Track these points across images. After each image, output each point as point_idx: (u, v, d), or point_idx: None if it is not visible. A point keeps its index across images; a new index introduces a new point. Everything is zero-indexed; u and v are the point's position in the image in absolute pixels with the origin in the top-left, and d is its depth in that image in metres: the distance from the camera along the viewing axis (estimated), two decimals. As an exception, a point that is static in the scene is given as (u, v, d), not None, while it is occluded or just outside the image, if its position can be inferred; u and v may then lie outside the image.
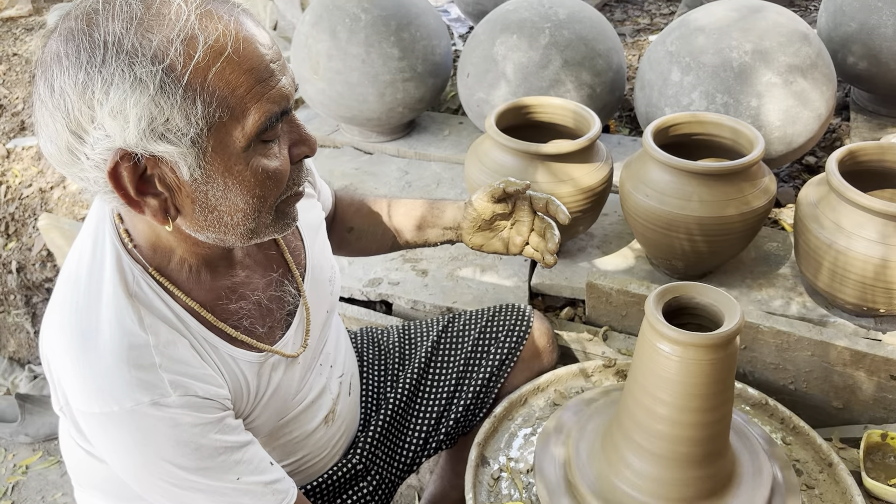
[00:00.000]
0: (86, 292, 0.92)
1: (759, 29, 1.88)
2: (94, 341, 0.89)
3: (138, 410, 0.87)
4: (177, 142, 0.80)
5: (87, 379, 0.88)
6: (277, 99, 0.84)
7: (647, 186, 1.61)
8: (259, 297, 1.06)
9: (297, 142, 0.91)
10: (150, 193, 0.85)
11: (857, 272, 1.47)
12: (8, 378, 2.68)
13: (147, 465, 0.91)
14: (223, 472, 0.94)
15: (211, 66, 0.79)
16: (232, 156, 0.84)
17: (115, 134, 0.79)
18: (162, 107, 0.78)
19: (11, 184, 2.84)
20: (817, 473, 1.31)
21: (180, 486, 0.92)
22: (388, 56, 2.25)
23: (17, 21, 3.42)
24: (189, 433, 0.90)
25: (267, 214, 0.91)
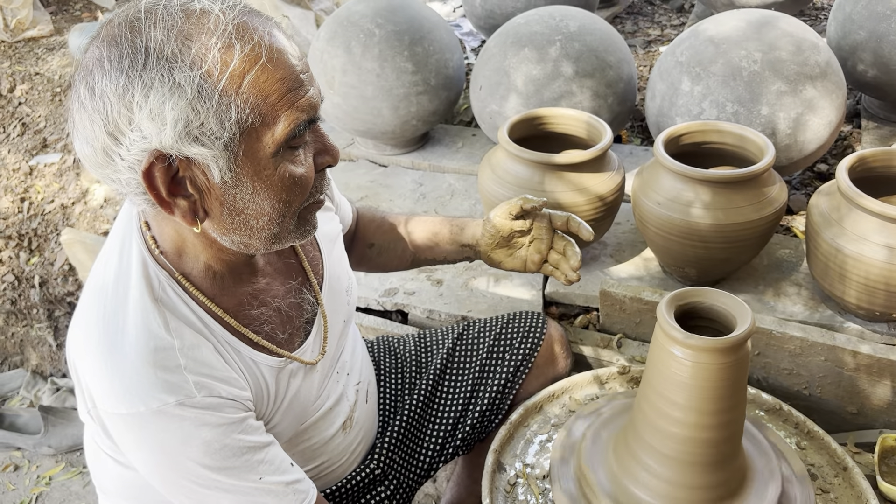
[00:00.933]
0: (112, 297, 0.95)
1: (769, 38, 1.90)
2: (120, 344, 0.92)
3: (164, 411, 0.90)
4: (210, 145, 0.84)
5: (114, 380, 0.91)
6: (306, 107, 0.88)
7: (659, 195, 1.63)
8: (279, 304, 1.09)
9: (321, 151, 0.95)
10: (180, 195, 0.88)
11: (870, 277, 1.48)
12: (31, 391, 2.73)
13: (172, 465, 0.93)
14: (246, 472, 0.96)
15: (246, 74, 0.83)
16: (261, 160, 0.87)
17: (151, 136, 0.82)
18: (198, 111, 0.82)
19: (34, 200, 2.89)
20: (832, 478, 1.32)
21: (205, 485, 0.95)
22: (402, 70, 2.28)
23: (39, 41, 3.49)
24: (213, 433, 0.93)
25: (290, 220, 0.94)
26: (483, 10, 2.91)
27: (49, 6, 3.82)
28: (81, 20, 3.70)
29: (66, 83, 3.21)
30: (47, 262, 2.78)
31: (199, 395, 0.92)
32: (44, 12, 3.60)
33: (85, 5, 3.90)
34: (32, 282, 2.77)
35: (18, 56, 3.40)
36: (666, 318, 1.09)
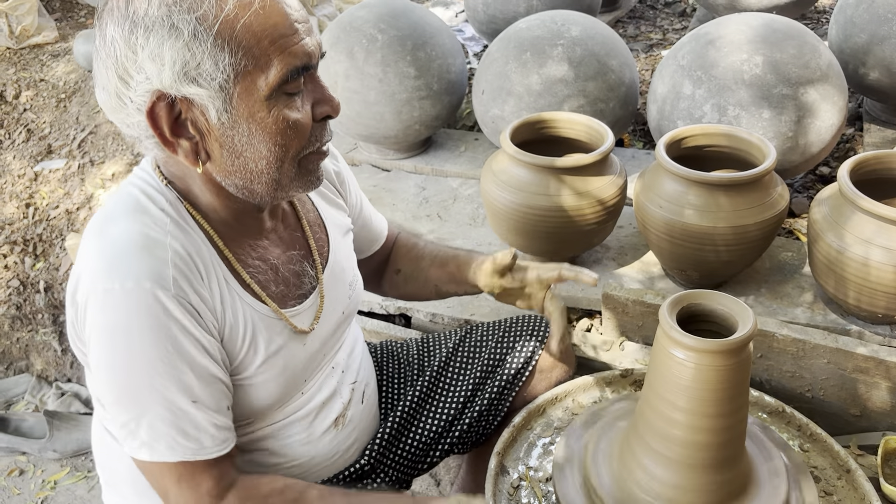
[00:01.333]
0: (113, 205, 1.00)
1: (770, 42, 1.91)
2: (113, 227, 0.97)
3: (136, 292, 0.92)
4: (206, 85, 0.89)
5: (99, 260, 0.94)
6: (299, 54, 0.91)
7: (661, 198, 1.64)
8: (277, 264, 1.11)
9: (319, 101, 0.97)
10: (183, 136, 0.93)
11: (872, 280, 1.48)
12: (36, 395, 2.74)
13: (122, 353, 0.94)
14: (185, 390, 0.97)
15: (239, 19, 0.88)
16: (255, 103, 0.91)
17: (153, 76, 0.88)
18: (194, 52, 0.87)
19: (39, 205, 2.91)
20: (835, 480, 1.32)
21: (143, 387, 0.95)
22: (405, 75, 2.29)
23: (44, 48, 3.51)
24: (174, 329, 0.94)
25: (290, 166, 0.98)
26: (485, 15, 2.93)
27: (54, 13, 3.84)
28: (86, 27, 3.72)
29: (71, 89, 3.23)
30: (52, 267, 2.79)
31: (173, 290, 0.94)
32: (49, 19, 3.62)
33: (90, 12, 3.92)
34: (37, 287, 2.78)
35: (24, 62, 3.41)
36: (668, 320, 1.09)
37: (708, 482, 1.14)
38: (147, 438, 0.96)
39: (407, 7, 2.40)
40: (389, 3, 2.41)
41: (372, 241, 1.43)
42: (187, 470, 0.98)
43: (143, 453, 0.97)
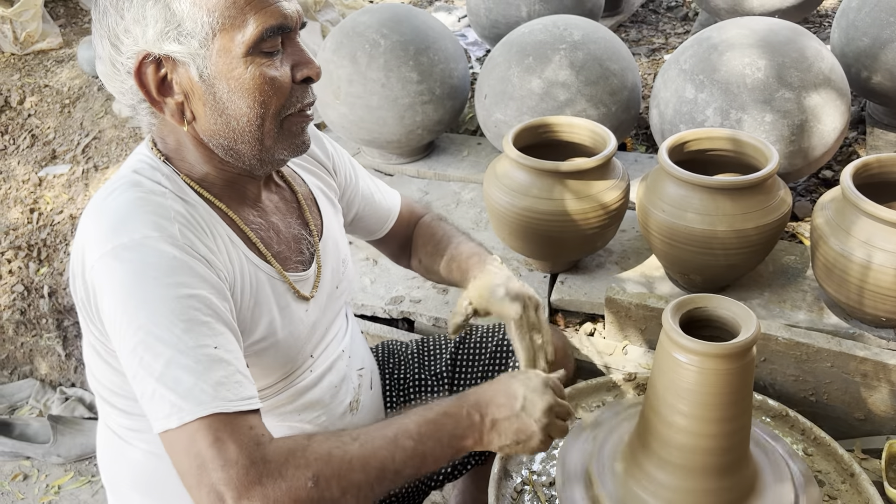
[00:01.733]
0: (110, 184, 1.02)
1: (772, 45, 1.91)
2: (111, 201, 0.98)
3: (146, 242, 0.93)
4: (186, 43, 0.95)
5: (102, 226, 0.95)
6: (275, 14, 0.96)
7: (664, 202, 1.64)
8: (279, 225, 1.14)
9: (298, 63, 1.01)
10: (169, 95, 0.99)
11: (875, 283, 1.48)
12: (40, 400, 2.74)
13: (143, 300, 0.91)
14: (208, 332, 0.93)
15: None
16: (233, 59, 0.96)
17: (139, 37, 0.95)
18: (174, 11, 0.94)
19: (43, 210, 2.92)
20: (839, 484, 1.31)
21: (166, 333, 0.90)
22: (407, 80, 2.30)
23: (48, 53, 3.53)
24: (186, 274, 0.94)
25: (271, 125, 1.01)
26: (488, 20, 2.93)
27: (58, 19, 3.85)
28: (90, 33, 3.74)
29: (76, 95, 3.24)
30: (56, 272, 2.80)
31: (182, 240, 0.95)
32: (53, 25, 3.63)
33: (93, 18, 3.93)
34: (41, 292, 2.79)
35: (28, 68, 3.43)
36: (671, 323, 1.09)
37: (712, 487, 1.14)
38: (174, 398, 0.88)
39: (409, 12, 2.41)
40: (392, 8, 2.42)
41: (381, 219, 1.44)
42: (222, 424, 0.89)
43: (172, 419, 0.89)
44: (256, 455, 0.88)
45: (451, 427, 1.00)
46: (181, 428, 0.88)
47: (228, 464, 0.87)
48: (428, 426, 0.99)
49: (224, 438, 0.88)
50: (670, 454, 1.14)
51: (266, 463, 0.88)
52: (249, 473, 0.87)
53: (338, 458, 0.92)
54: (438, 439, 0.99)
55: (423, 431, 0.98)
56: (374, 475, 0.94)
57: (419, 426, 0.98)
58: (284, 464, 0.89)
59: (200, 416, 0.88)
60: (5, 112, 3.26)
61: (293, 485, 0.88)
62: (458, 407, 1.02)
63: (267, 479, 0.88)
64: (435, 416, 1.00)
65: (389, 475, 0.95)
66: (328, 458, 0.92)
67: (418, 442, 0.97)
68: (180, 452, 0.89)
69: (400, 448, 0.96)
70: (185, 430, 0.88)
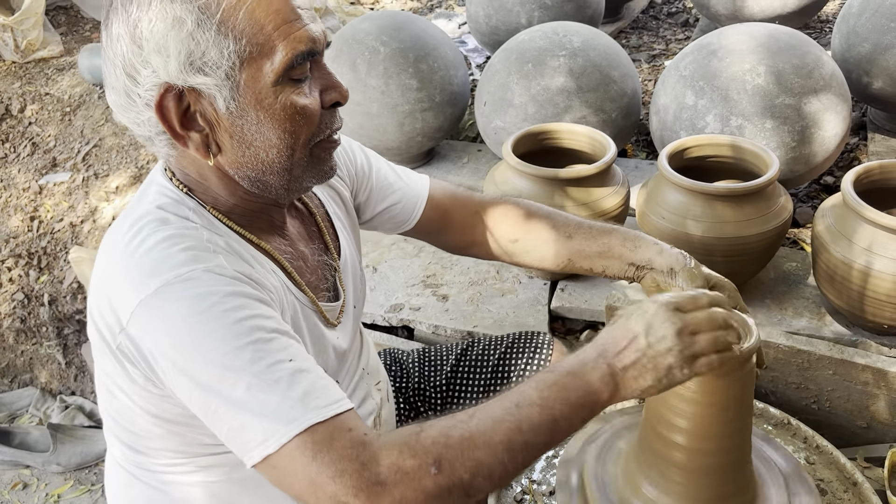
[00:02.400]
0: (133, 221, 0.95)
1: (772, 51, 1.91)
2: (140, 235, 0.92)
3: (192, 276, 0.87)
4: (212, 74, 0.89)
5: (136, 267, 0.89)
6: (304, 39, 0.91)
7: (663, 209, 1.63)
8: (307, 253, 1.10)
9: (328, 87, 0.96)
10: (193, 128, 0.93)
11: (876, 290, 1.47)
12: (40, 408, 2.74)
13: (204, 332, 0.86)
14: (278, 347, 0.88)
15: (241, 5, 0.88)
16: (262, 89, 0.91)
17: (159, 69, 0.88)
18: (198, 41, 0.87)
19: (44, 218, 2.92)
20: (842, 493, 1.30)
21: (237, 359, 0.85)
22: (407, 87, 2.30)
23: (49, 62, 3.53)
24: (242, 298, 0.89)
25: (301, 154, 0.96)
26: (487, 27, 2.93)
27: (59, 27, 3.86)
28: (91, 41, 3.74)
29: (76, 103, 3.25)
30: (56, 280, 2.80)
31: (228, 268, 0.90)
32: (54, 33, 3.64)
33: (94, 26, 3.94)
34: (42, 300, 2.79)
35: (29, 76, 3.43)
36: None
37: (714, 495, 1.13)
38: (265, 423, 0.83)
39: (409, 19, 2.41)
40: (391, 15, 2.42)
41: (407, 208, 1.31)
42: (320, 435, 0.82)
43: (270, 445, 0.82)
44: (365, 456, 0.82)
45: (578, 385, 0.90)
46: (280, 451, 0.82)
47: (339, 473, 0.81)
48: (551, 390, 0.89)
49: (325, 449, 0.82)
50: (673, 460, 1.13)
51: (378, 462, 0.82)
52: (363, 476, 0.81)
53: (457, 438, 0.84)
54: (566, 400, 0.89)
55: (548, 395, 0.88)
56: (503, 450, 0.85)
57: (540, 391, 0.89)
58: (399, 456, 0.82)
59: (297, 432, 0.82)
60: (6, 120, 3.27)
61: (416, 475, 0.82)
62: (580, 363, 0.91)
63: (386, 477, 0.81)
64: (557, 378, 0.90)
65: (518, 448, 0.86)
66: (446, 441, 0.84)
67: (543, 408, 0.88)
68: (287, 476, 0.84)
69: (525, 417, 0.87)
70: (284, 452, 0.82)
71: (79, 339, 2.80)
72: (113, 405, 1.02)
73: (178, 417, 0.97)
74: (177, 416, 0.97)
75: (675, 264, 1.16)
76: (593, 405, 0.90)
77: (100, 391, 1.05)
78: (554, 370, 0.91)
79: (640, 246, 1.22)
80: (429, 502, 0.82)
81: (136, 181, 2.92)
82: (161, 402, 0.96)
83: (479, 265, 2.06)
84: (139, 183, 2.90)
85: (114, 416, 1.04)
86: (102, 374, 1.00)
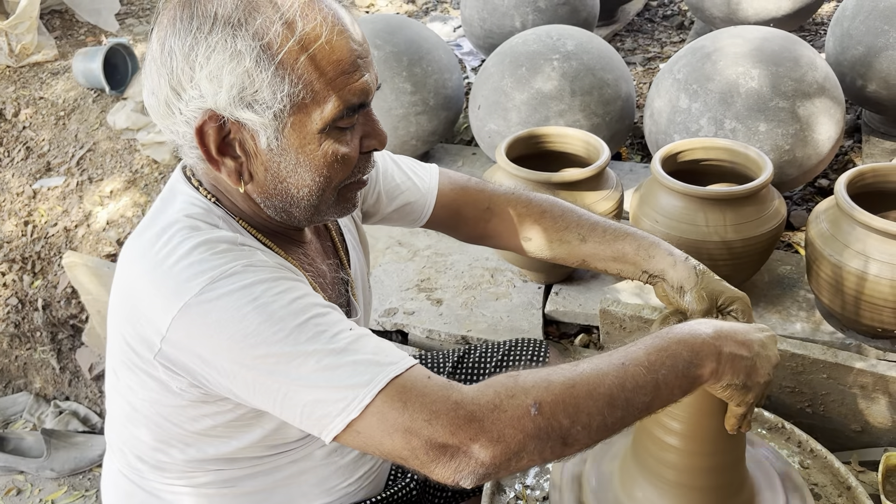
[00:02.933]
0: (160, 228, 0.94)
1: (766, 54, 1.91)
2: (171, 243, 0.90)
3: (234, 270, 0.87)
4: (261, 112, 0.88)
5: (171, 274, 0.88)
6: (358, 92, 0.90)
7: (657, 212, 1.63)
8: (325, 270, 1.10)
9: (369, 134, 0.96)
10: (229, 155, 0.92)
11: (870, 294, 1.47)
12: (34, 414, 2.73)
13: (261, 323, 0.85)
14: (336, 319, 0.88)
15: (304, 51, 0.86)
16: (307, 135, 0.90)
17: (208, 95, 0.87)
18: (254, 79, 0.86)
19: (38, 223, 2.91)
20: (836, 497, 1.30)
21: (300, 338, 0.85)
22: (401, 91, 2.30)
23: (44, 66, 3.53)
24: (287, 280, 0.89)
25: (330, 195, 0.96)
26: (482, 30, 2.93)
27: (54, 31, 3.85)
28: (86, 45, 3.74)
29: (70, 107, 3.24)
30: (50, 285, 2.79)
31: (269, 262, 0.91)
32: (48, 37, 3.63)
33: (89, 30, 3.93)
34: (36, 305, 2.78)
35: (23, 81, 3.43)
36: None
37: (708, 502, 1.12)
38: (342, 392, 0.82)
39: (403, 23, 2.41)
40: (386, 18, 2.42)
41: (419, 204, 1.29)
42: (401, 387, 0.82)
43: (353, 410, 0.81)
44: (457, 395, 0.82)
45: (687, 355, 0.90)
46: (364, 414, 0.81)
47: (433, 415, 0.80)
48: (660, 354, 0.89)
49: (413, 397, 0.81)
50: (664, 473, 1.12)
51: (474, 400, 0.81)
52: (458, 414, 0.80)
53: (559, 384, 0.83)
54: (673, 367, 0.89)
55: (655, 360, 0.89)
56: (604, 403, 0.84)
57: (649, 354, 0.89)
58: (496, 396, 0.81)
59: (379, 389, 0.81)
60: (0, 125, 3.26)
61: (515, 414, 0.80)
62: (692, 335, 0.92)
63: (483, 415, 0.80)
64: (667, 344, 0.91)
65: (620, 404, 0.85)
66: (547, 385, 0.83)
67: (649, 370, 0.88)
68: (377, 436, 0.82)
69: (630, 376, 0.87)
70: (369, 414, 0.81)
71: (73, 344, 2.79)
72: (129, 417, 1.01)
73: (205, 430, 0.98)
74: (205, 427, 0.97)
75: (686, 282, 1.16)
76: (694, 379, 0.92)
77: (113, 400, 1.04)
78: (664, 336, 0.92)
79: (655, 256, 1.21)
80: (527, 443, 0.82)
81: (130, 185, 2.91)
82: (193, 410, 0.95)
83: (473, 269, 2.06)
84: (134, 187, 2.90)
85: (127, 427, 1.03)
86: (123, 385, 0.99)
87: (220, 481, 1.05)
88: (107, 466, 1.17)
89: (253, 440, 1.01)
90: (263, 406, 0.89)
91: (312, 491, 1.12)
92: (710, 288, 1.14)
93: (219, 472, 1.04)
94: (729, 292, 1.15)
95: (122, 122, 3.03)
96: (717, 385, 0.95)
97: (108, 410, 1.08)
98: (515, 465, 0.82)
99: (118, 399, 1.02)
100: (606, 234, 1.25)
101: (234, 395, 0.90)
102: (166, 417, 0.98)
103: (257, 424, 0.99)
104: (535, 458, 0.83)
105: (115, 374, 1.00)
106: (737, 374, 0.94)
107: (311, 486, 1.11)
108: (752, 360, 0.95)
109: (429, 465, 0.81)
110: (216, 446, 1.00)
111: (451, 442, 0.80)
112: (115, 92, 3.15)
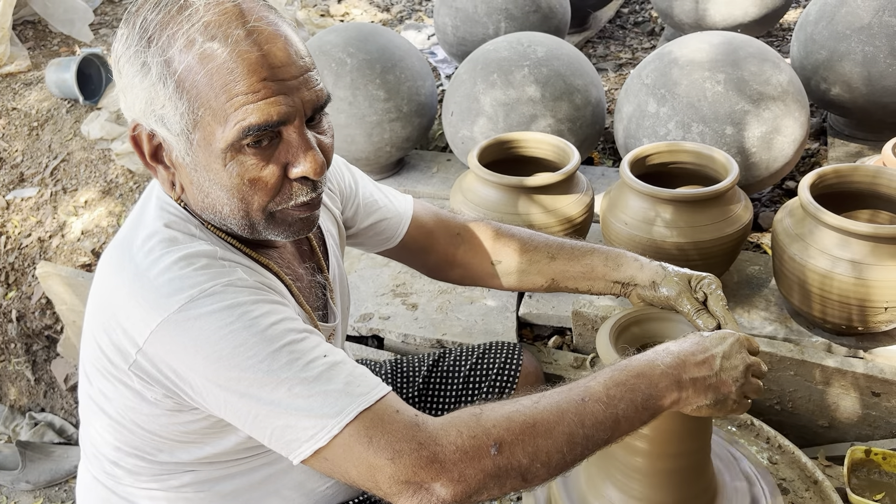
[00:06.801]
0: (142, 240, 0.94)
1: (731, 59, 1.94)
2: (151, 257, 0.91)
3: (215, 290, 0.88)
4: (170, 127, 0.89)
5: (153, 288, 0.88)
6: (264, 110, 0.86)
7: (626, 214, 1.65)
8: (303, 273, 1.09)
9: (293, 162, 0.91)
10: (161, 164, 0.94)
11: (834, 292, 1.50)
12: (9, 426, 2.70)
13: (238, 345, 0.86)
14: (312, 346, 0.89)
15: (201, 69, 0.85)
16: (212, 154, 0.89)
17: (130, 104, 0.91)
18: (158, 94, 0.87)
19: (11, 234, 2.88)
20: (803, 491, 1.33)
21: (274, 362, 0.86)
22: (374, 98, 2.31)
23: (17, 76, 3.50)
24: (266, 303, 0.90)
25: (258, 216, 0.93)
26: (455, 38, 2.96)
27: (27, 42, 3.82)
28: (59, 55, 3.71)
29: (44, 117, 3.22)
30: (24, 296, 2.76)
31: (249, 281, 0.91)
32: (21, 48, 3.61)
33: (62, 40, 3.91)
34: (10, 316, 2.76)
35: (-5, 91, 3.40)
36: (606, 344, 1.09)
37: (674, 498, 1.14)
38: (312, 419, 0.84)
39: (375, 31, 2.42)
40: (358, 27, 2.44)
41: (392, 226, 1.30)
42: (369, 420, 0.84)
43: (320, 438, 0.84)
44: (421, 436, 0.83)
45: (645, 388, 0.91)
46: (332, 443, 0.84)
47: (396, 454, 0.82)
48: (618, 388, 0.90)
49: (379, 432, 0.83)
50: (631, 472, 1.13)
51: (436, 441, 0.83)
52: (421, 455, 0.82)
53: (519, 423, 0.85)
54: (632, 401, 0.90)
55: (614, 394, 0.90)
56: (563, 441, 0.86)
57: (608, 388, 0.90)
58: (459, 436, 0.83)
59: (347, 421, 0.83)
60: (-28, 136, 3.23)
61: (476, 455, 0.82)
62: (650, 366, 0.93)
63: (445, 456, 0.82)
64: (625, 378, 0.91)
65: (579, 441, 0.87)
66: (508, 424, 0.85)
67: (608, 405, 0.89)
68: (343, 465, 0.85)
69: (589, 413, 0.88)
70: (337, 444, 0.84)
71: (48, 355, 2.77)
72: (103, 423, 1.01)
73: (179, 436, 0.98)
74: (179, 434, 0.98)
75: (656, 277, 1.19)
76: (655, 409, 0.93)
77: (86, 407, 1.04)
78: (623, 369, 0.94)
79: (622, 264, 1.24)
80: (487, 481, 0.84)
81: (105, 195, 2.89)
82: (166, 418, 0.96)
83: (448, 274, 2.07)
84: (109, 197, 2.88)
85: (100, 433, 1.04)
86: (96, 392, 0.99)
87: (196, 483, 1.05)
88: (82, 473, 1.16)
89: (227, 446, 1.01)
90: (234, 423, 0.90)
91: (291, 494, 1.12)
92: (680, 274, 1.18)
93: (194, 474, 1.04)
94: (697, 275, 1.18)
95: (96, 132, 3.01)
96: (687, 408, 0.96)
97: (81, 415, 1.08)
98: (476, 499, 0.85)
99: (91, 405, 1.02)
100: (574, 251, 1.28)
101: (206, 409, 0.92)
102: (140, 424, 0.98)
103: (231, 431, 0.99)
104: (495, 493, 0.86)
105: (87, 380, 1.00)
106: (702, 395, 0.96)
107: (289, 490, 1.12)
108: (716, 377, 0.96)
109: (392, 496, 0.85)
110: (190, 451, 1.01)
111: (413, 479, 0.82)
112: (88, 102, 3.13)
